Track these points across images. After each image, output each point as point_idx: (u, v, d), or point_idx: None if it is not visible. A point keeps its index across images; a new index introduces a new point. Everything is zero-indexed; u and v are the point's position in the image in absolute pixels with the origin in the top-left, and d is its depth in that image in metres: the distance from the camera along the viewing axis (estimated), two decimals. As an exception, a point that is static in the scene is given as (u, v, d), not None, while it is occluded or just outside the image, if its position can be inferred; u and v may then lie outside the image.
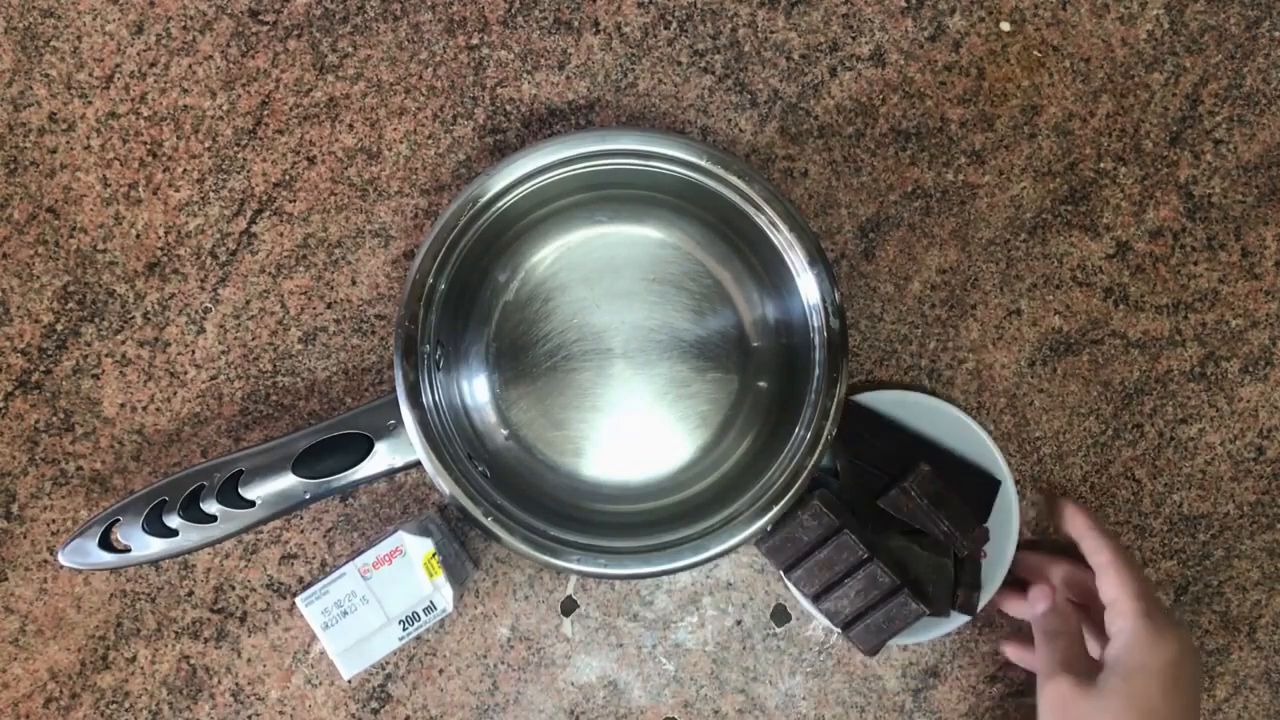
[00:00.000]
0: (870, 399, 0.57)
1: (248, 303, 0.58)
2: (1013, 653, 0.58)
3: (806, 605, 0.56)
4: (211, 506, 0.51)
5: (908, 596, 0.53)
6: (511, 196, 0.52)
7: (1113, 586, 0.51)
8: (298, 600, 0.51)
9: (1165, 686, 0.48)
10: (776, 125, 0.58)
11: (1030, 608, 0.55)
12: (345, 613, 0.51)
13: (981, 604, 0.56)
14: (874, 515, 0.55)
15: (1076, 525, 0.55)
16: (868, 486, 0.56)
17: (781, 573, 0.56)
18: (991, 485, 0.57)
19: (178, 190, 0.58)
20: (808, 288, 0.52)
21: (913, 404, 0.57)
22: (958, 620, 0.56)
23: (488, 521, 0.51)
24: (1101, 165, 0.59)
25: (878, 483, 0.56)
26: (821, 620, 0.55)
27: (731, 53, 0.58)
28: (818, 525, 0.53)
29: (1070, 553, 0.56)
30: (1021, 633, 0.59)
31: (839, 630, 0.55)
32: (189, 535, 0.51)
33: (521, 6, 0.58)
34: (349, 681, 0.57)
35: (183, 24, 0.58)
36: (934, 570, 0.55)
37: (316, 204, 0.58)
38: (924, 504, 0.54)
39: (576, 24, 0.58)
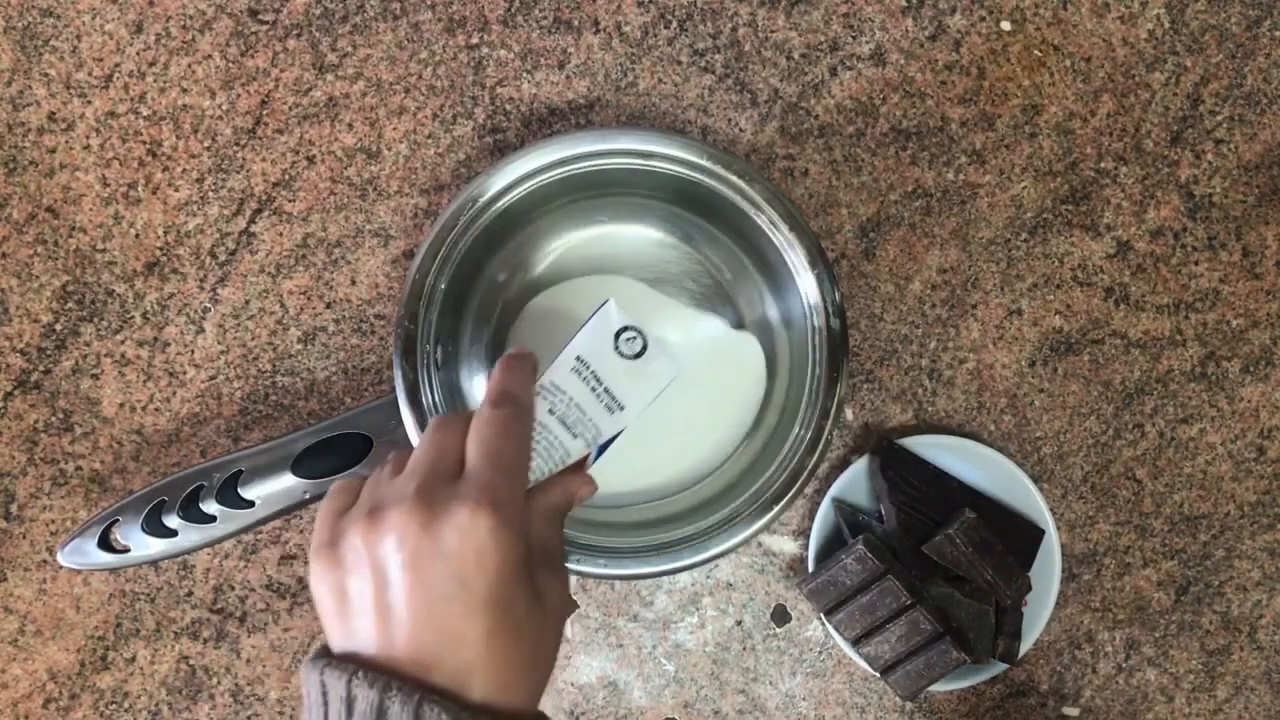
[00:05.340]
0: (914, 443, 0.56)
1: (247, 303, 0.58)
2: None
3: (846, 649, 0.55)
4: (211, 506, 0.51)
5: (949, 644, 0.53)
6: (511, 196, 0.52)
7: None
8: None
9: None
10: (776, 125, 0.58)
11: None
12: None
13: (1021, 653, 0.55)
14: (917, 561, 0.55)
15: None
16: (912, 532, 0.55)
17: (821, 615, 0.55)
18: (1035, 534, 0.56)
19: (177, 190, 0.58)
20: (808, 288, 0.52)
21: (958, 449, 0.57)
22: (995, 668, 0.55)
23: (487, 522, 0.51)
24: (1102, 165, 0.59)
25: (922, 528, 0.55)
26: (862, 664, 0.55)
27: (731, 52, 0.58)
28: (862, 569, 0.53)
29: None
30: None
31: (878, 675, 0.54)
32: (189, 535, 0.51)
33: (521, 6, 0.58)
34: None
35: (182, 23, 0.57)
36: (975, 618, 0.55)
37: (316, 204, 0.58)
38: (969, 551, 0.53)
39: (576, 24, 0.58)
